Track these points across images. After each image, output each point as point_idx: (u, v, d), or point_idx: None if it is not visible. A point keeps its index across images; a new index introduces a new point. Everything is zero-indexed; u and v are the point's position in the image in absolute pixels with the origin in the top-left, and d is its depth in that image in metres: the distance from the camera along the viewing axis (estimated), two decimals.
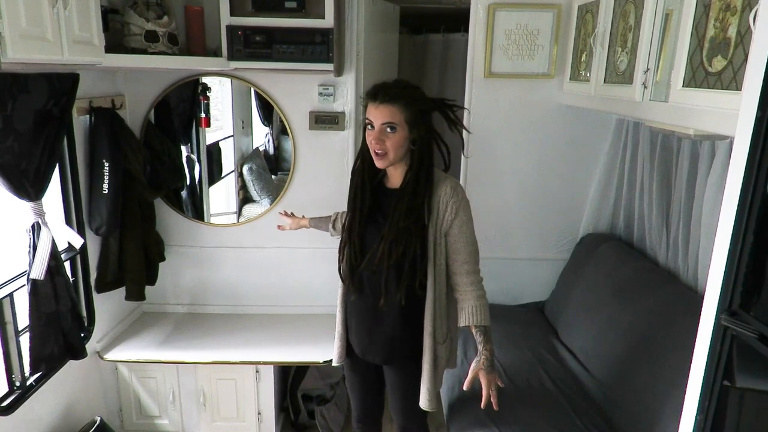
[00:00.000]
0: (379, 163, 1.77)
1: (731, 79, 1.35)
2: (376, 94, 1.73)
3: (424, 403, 1.90)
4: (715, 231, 1.05)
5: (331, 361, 2.55)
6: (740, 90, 1.31)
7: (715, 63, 1.43)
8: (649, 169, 2.51)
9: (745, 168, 0.96)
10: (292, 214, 2.44)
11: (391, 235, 1.74)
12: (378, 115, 1.71)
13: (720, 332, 1.02)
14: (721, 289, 1.02)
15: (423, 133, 1.75)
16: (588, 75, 2.41)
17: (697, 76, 1.51)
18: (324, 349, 2.64)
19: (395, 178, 1.84)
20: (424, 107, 1.76)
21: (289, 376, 2.94)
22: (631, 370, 2.13)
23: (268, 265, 3.05)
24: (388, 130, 1.71)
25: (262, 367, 2.67)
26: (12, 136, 1.85)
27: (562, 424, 2.09)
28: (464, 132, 1.88)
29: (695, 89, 1.52)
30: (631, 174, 2.71)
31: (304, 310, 3.06)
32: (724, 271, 1.01)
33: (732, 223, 1.00)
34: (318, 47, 2.48)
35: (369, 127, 1.75)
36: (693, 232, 2.16)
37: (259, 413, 2.75)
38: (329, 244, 2.28)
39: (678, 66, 1.60)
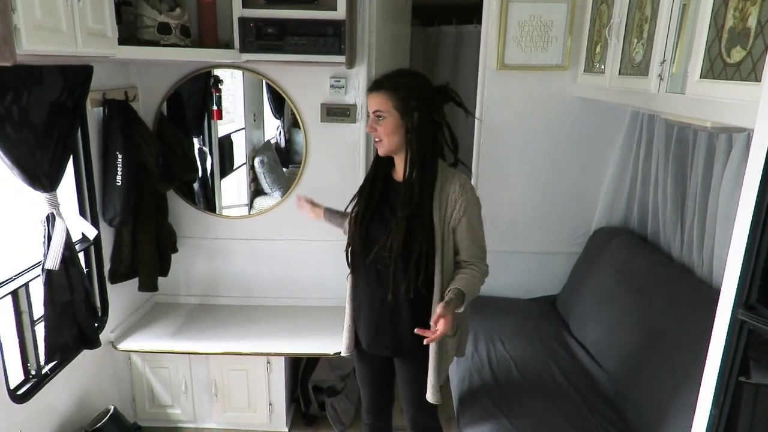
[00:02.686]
0: (379, 150, 1.82)
1: (750, 70, 1.33)
2: (371, 84, 1.80)
3: (430, 396, 1.90)
4: (732, 225, 1.04)
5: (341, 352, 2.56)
6: (760, 81, 1.29)
7: (734, 54, 1.40)
8: (663, 163, 2.48)
9: (765, 160, 0.94)
10: (311, 201, 2.27)
11: (394, 225, 1.76)
12: (370, 103, 1.78)
13: (737, 326, 1.01)
14: (739, 283, 1.00)
15: (417, 121, 1.73)
16: (602, 67, 2.38)
17: (715, 67, 1.49)
18: (334, 341, 2.64)
19: (400, 170, 1.84)
20: (417, 93, 1.74)
21: (300, 368, 2.96)
22: (643, 364, 2.11)
23: (280, 257, 3.06)
24: (378, 118, 1.76)
25: (273, 358, 2.69)
26: (27, 128, 1.87)
27: (573, 418, 2.08)
28: (473, 114, 1.89)
29: (713, 81, 1.50)
30: (646, 167, 2.68)
31: (315, 302, 3.07)
32: (742, 265, 0.99)
33: (750, 216, 0.98)
34: (330, 39, 2.47)
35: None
36: (708, 226, 2.13)
37: (270, 404, 2.77)
38: (340, 236, 2.27)
39: (695, 57, 1.57)
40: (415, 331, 1.65)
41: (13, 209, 2.23)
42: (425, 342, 1.64)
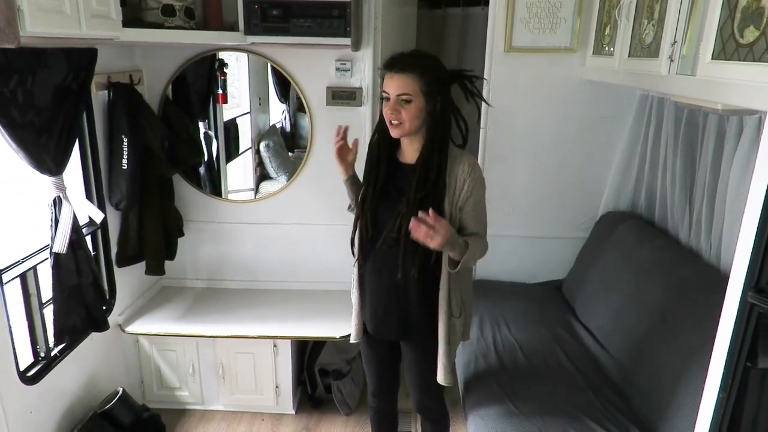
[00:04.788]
0: (394, 132, 1.75)
1: (764, 51, 1.30)
2: (392, 64, 1.71)
3: (441, 378, 1.91)
4: (741, 208, 1.02)
5: (347, 336, 2.57)
6: None
7: (747, 34, 1.38)
8: (672, 146, 2.45)
9: None
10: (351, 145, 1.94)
11: (405, 208, 1.73)
12: (393, 85, 1.69)
13: (746, 309, 1.00)
14: (749, 266, 0.99)
15: (440, 105, 1.72)
16: (612, 49, 2.35)
17: (728, 48, 1.46)
18: (340, 325, 2.66)
19: (410, 152, 1.82)
20: (440, 77, 1.72)
21: (306, 351, 2.98)
22: (649, 349, 2.11)
23: (285, 242, 3.07)
24: (403, 101, 1.69)
25: (279, 341, 2.71)
26: (32, 111, 1.87)
27: (578, 402, 2.09)
28: (482, 103, 1.84)
29: (725, 62, 1.47)
30: (654, 151, 2.65)
31: (320, 286, 3.07)
32: (752, 248, 0.98)
33: (762, 199, 0.97)
34: (335, 21, 2.45)
35: (385, 100, 1.73)
36: (717, 210, 2.11)
37: (277, 386, 2.79)
38: (345, 220, 2.26)
39: (707, 38, 1.54)
40: (419, 214, 1.58)
41: (20, 194, 2.24)
42: (411, 227, 1.58)
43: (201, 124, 3.03)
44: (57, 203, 2.09)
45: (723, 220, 2.06)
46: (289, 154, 3.22)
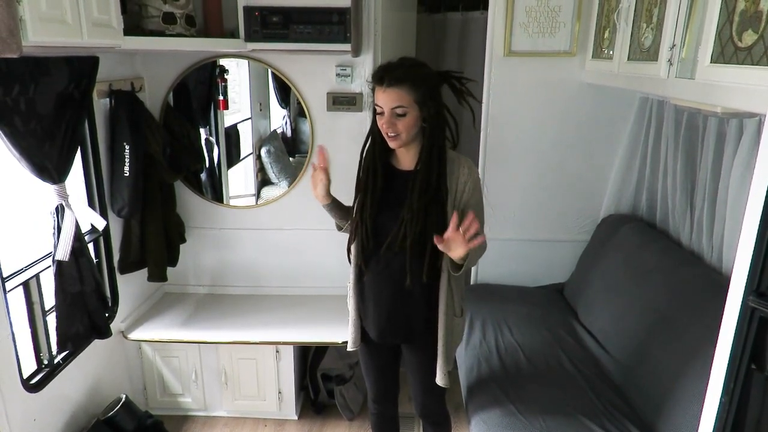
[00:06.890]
0: (393, 144, 1.74)
1: (762, 54, 1.31)
2: (381, 77, 1.68)
3: (440, 379, 1.91)
4: (742, 211, 1.03)
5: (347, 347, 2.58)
6: None
7: (746, 37, 1.38)
8: (673, 149, 2.45)
9: None
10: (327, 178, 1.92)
11: (409, 214, 1.74)
12: (386, 99, 1.67)
13: (747, 313, 1.00)
14: (749, 269, 0.99)
15: (433, 110, 1.72)
16: (611, 52, 2.35)
17: (726, 52, 1.47)
18: (343, 330, 2.63)
19: (406, 159, 1.82)
20: (431, 83, 1.71)
21: (309, 356, 2.98)
22: (651, 351, 2.11)
23: (287, 247, 3.07)
24: (398, 114, 1.68)
25: (282, 347, 2.71)
26: (35, 119, 1.88)
27: (581, 405, 2.09)
28: (474, 104, 1.83)
29: (724, 65, 1.47)
30: (655, 153, 2.66)
31: (323, 291, 3.07)
32: (753, 252, 0.98)
33: (762, 202, 0.97)
34: (335, 27, 2.46)
35: (379, 113, 1.72)
36: (718, 212, 2.12)
37: (280, 392, 2.79)
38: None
39: (706, 41, 1.55)
40: (435, 239, 1.61)
41: (22, 201, 2.25)
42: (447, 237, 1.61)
43: (202, 130, 3.04)
44: (59, 211, 2.09)
45: (724, 222, 2.07)
46: (290, 159, 3.23)
